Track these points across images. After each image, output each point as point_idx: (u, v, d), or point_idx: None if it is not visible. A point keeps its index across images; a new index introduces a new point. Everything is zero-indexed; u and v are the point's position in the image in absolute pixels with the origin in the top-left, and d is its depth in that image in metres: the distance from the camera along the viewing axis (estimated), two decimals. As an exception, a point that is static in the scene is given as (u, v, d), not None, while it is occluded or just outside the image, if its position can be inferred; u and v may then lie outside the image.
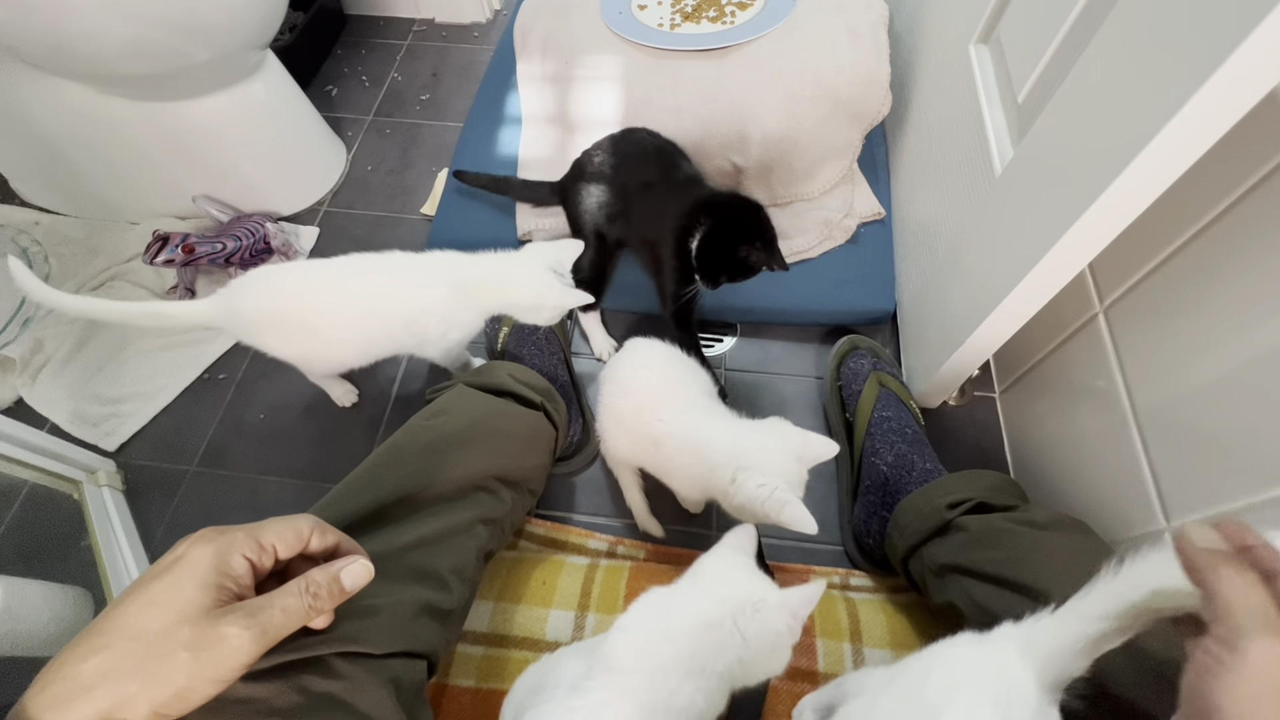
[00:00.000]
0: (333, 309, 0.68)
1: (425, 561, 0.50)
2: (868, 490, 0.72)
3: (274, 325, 0.68)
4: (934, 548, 0.60)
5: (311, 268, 0.70)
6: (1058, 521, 0.55)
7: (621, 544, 0.75)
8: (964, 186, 0.69)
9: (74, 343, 0.91)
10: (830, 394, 0.82)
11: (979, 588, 0.53)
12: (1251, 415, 0.46)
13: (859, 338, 0.83)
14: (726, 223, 0.71)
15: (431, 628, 0.48)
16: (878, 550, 0.70)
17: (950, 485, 0.63)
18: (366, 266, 0.69)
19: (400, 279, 0.69)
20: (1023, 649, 0.36)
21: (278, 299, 0.68)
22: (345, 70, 1.24)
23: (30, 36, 0.75)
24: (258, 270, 0.69)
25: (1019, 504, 0.60)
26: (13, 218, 1.04)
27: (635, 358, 0.67)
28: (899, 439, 0.71)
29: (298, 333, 0.69)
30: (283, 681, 0.38)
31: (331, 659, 0.40)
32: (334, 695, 0.39)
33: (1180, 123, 0.38)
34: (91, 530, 0.75)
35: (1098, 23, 0.46)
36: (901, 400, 0.75)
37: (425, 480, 0.53)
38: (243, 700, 0.37)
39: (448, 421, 0.61)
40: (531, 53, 0.98)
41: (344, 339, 0.70)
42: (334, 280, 0.68)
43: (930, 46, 0.82)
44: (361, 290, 0.68)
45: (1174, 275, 0.53)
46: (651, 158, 0.79)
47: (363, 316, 0.69)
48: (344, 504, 0.50)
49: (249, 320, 0.68)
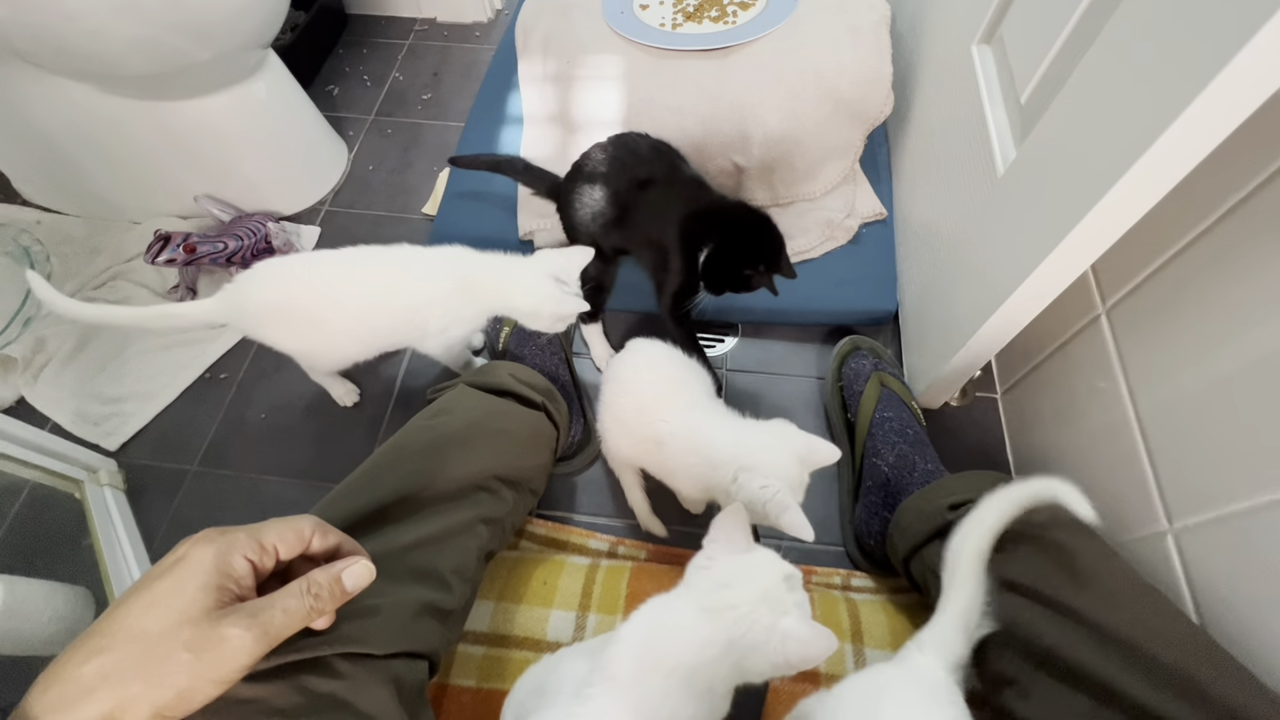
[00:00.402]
0: (338, 299, 0.68)
1: (426, 561, 0.50)
2: (869, 491, 0.72)
3: (279, 317, 0.69)
4: (935, 549, 0.59)
5: (316, 259, 0.70)
6: (1057, 521, 0.54)
7: (622, 544, 0.75)
8: (966, 187, 0.68)
9: (76, 342, 0.91)
10: (832, 394, 0.82)
11: None
12: (1254, 417, 0.46)
13: (860, 338, 0.82)
14: (737, 240, 0.71)
15: (432, 627, 0.48)
16: (879, 551, 0.70)
17: (952, 486, 0.62)
18: (372, 257, 0.69)
19: (406, 271, 0.69)
20: (928, 647, 0.46)
21: (282, 290, 0.68)
22: (347, 70, 1.24)
23: (32, 36, 0.75)
24: (262, 263, 0.69)
25: None
26: (14, 217, 1.04)
27: (637, 358, 0.67)
28: (900, 439, 0.71)
29: (302, 324, 0.69)
30: (284, 682, 0.38)
31: (333, 659, 0.40)
32: (335, 695, 0.40)
33: (1185, 124, 0.38)
34: (93, 530, 0.75)
35: (1101, 23, 0.46)
36: (903, 401, 0.75)
37: (426, 480, 0.53)
38: (244, 701, 0.37)
39: (448, 421, 0.61)
40: (533, 52, 0.98)
41: (348, 330, 0.70)
42: (339, 271, 0.69)
43: (932, 46, 0.82)
44: (367, 280, 0.69)
45: (1177, 276, 0.53)
46: (648, 159, 0.78)
47: (367, 307, 0.69)
48: (344, 504, 0.50)
49: (254, 313, 0.68)
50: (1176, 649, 0.41)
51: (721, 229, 0.72)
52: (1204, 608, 0.49)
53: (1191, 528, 0.50)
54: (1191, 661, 0.40)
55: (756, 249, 0.71)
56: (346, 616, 0.41)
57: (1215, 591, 0.48)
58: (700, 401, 0.63)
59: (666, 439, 0.61)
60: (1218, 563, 0.48)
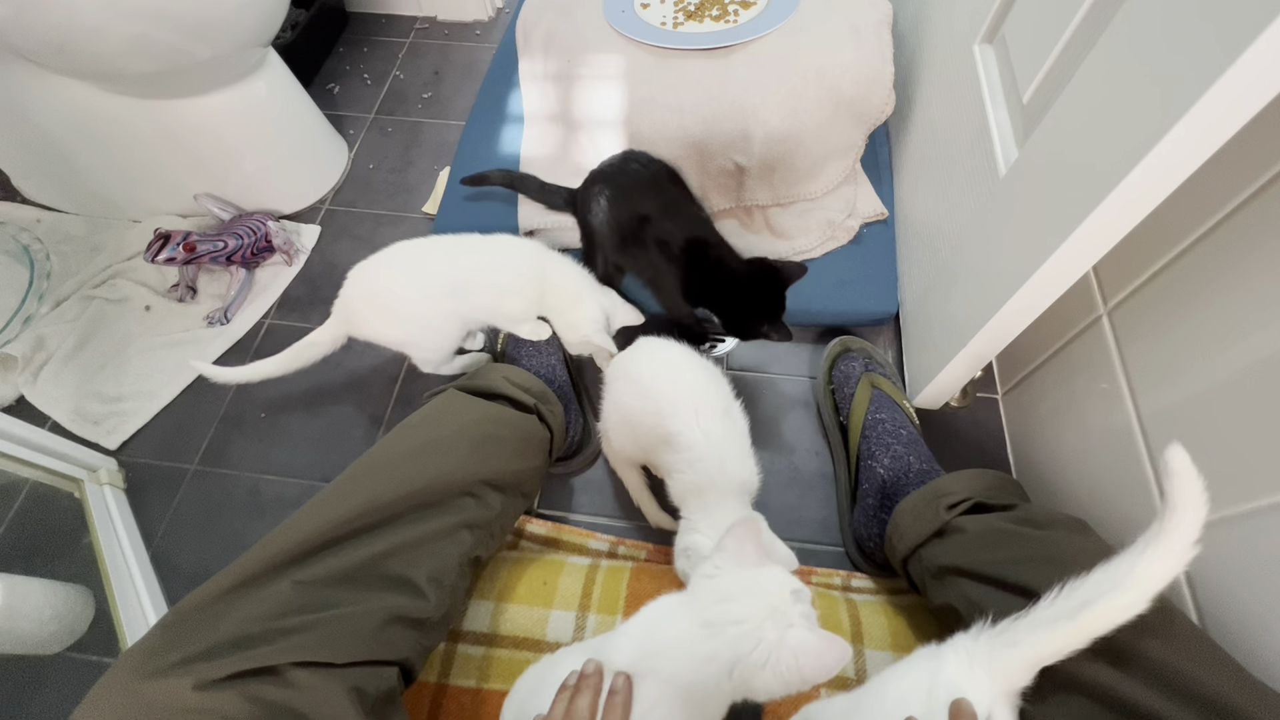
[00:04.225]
0: (428, 286, 0.73)
1: (399, 569, 0.50)
2: (865, 495, 0.71)
3: (380, 308, 0.74)
4: (933, 549, 0.59)
5: (405, 249, 0.75)
6: (1055, 520, 0.54)
7: (622, 544, 0.75)
8: (968, 187, 0.68)
9: (75, 341, 0.91)
10: (824, 397, 0.82)
11: (976, 589, 0.53)
12: (1256, 419, 0.46)
13: (851, 339, 0.82)
14: (746, 301, 0.73)
15: (404, 635, 0.48)
16: (879, 553, 0.69)
17: (947, 486, 0.62)
18: (458, 245, 0.75)
19: (494, 259, 0.75)
20: (969, 657, 0.41)
21: (380, 283, 0.74)
22: (347, 68, 1.24)
23: (32, 34, 0.75)
24: (357, 266, 0.74)
25: (1017, 502, 0.60)
26: (14, 215, 1.04)
27: (649, 355, 0.67)
28: (894, 441, 0.71)
29: (394, 315, 0.74)
30: (235, 691, 0.38)
31: (287, 668, 0.40)
32: (289, 705, 0.40)
33: (1188, 124, 0.38)
34: (93, 528, 0.75)
35: (1104, 23, 0.46)
36: (895, 401, 0.75)
37: (405, 488, 0.53)
38: (194, 710, 0.37)
39: (431, 428, 0.61)
40: (534, 51, 0.98)
41: (442, 315, 0.75)
42: (430, 259, 0.74)
43: (934, 46, 0.82)
44: (459, 265, 0.74)
45: (1179, 278, 0.53)
46: (648, 191, 0.76)
47: (457, 291, 0.74)
48: (321, 513, 0.50)
49: (361, 314, 0.74)
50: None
51: (722, 291, 0.73)
52: (1204, 609, 0.49)
53: (1193, 530, 0.50)
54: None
55: (767, 307, 0.72)
56: (305, 626, 0.42)
57: (1217, 594, 0.48)
58: (715, 403, 0.62)
59: (676, 438, 0.60)
60: (1219, 564, 0.48)
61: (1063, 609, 0.40)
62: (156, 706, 0.38)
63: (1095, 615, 0.38)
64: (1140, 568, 0.38)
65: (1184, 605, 0.50)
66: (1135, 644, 0.40)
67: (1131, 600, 0.38)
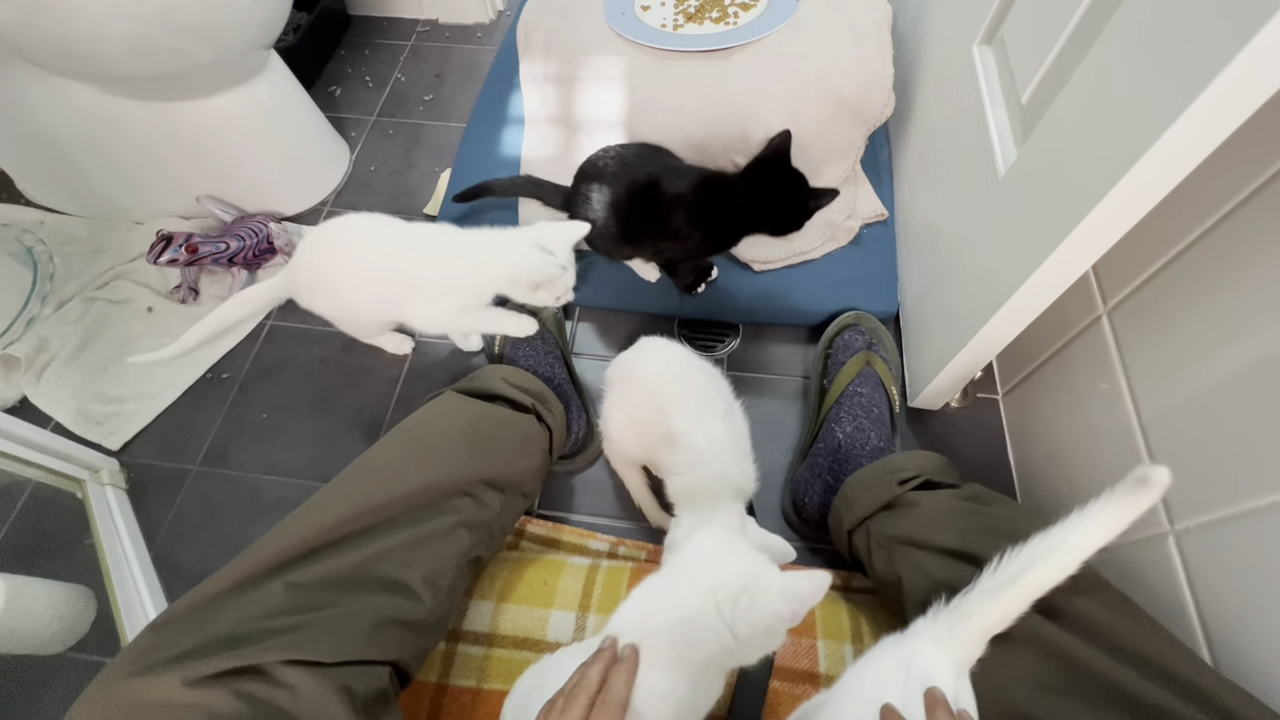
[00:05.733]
0: (352, 266, 0.72)
1: (394, 571, 0.50)
2: (818, 453, 0.73)
3: (319, 281, 0.73)
4: (883, 521, 0.62)
5: (352, 222, 0.73)
6: (998, 498, 0.59)
7: (623, 544, 0.75)
8: (967, 188, 0.68)
9: (78, 342, 0.91)
10: (817, 358, 0.83)
11: (930, 559, 0.55)
12: (1256, 419, 0.46)
13: (865, 315, 0.83)
14: (776, 193, 0.74)
15: (397, 636, 0.48)
16: (812, 513, 0.71)
17: (899, 462, 0.65)
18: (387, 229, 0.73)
19: (407, 244, 0.72)
20: (933, 639, 0.44)
21: (321, 253, 0.72)
22: (349, 71, 1.24)
23: (35, 37, 0.75)
24: (315, 228, 0.73)
25: (959, 484, 0.63)
26: (18, 217, 1.05)
27: (653, 355, 0.67)
28: (864, 415, 0.73)
29: (329, 290, 0.73)
30: (224, 688, 0.39)
31: (275, 667, 0.41)
32: (277, 703, 0.40)
33: (1185, 124, 0.38)
34: (95, 529, 0.75)
35: (1102, 23, 0.46)
36: (883, 383, 0.77)
37: (401, 490, 0.54)
38: (183, 706, 0.37)
39: (427, 431, 0.61)
40: (534, 53, 0.98)
41: (358, 297, 0.73)
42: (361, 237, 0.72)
43: (933, 47, 0.82)
44: (373, 249, 0.72)
45: (1179, 277, 0.53)
46: (644, 161, 0.79)
47: (373, 275, 0.72)
48: (317, 516, 0.50)
49: (305, 282, 0.73)
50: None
51: (755, 199, 0.74)
52: (1205, 609, 0.49)
53: (1193, 529, 0.50)
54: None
55: (793, 196, 0.74)
56: (296, 626, 0.42)
57: (1216, 593, 0.48)
58: (715, 405, 0.62)
59: (678, 438, 0.60)
60: (1219, 564, 0.48)
61: (1004, 576, 0.44)
62: (147, 703, 0.38)
63: (1033, 578, 0.43)
64: (1075, 536, 0.42)
65: (1184, 604, 0.50)
66: (1067, 600, 0.45)
67: (1065, 563, 0.42)
